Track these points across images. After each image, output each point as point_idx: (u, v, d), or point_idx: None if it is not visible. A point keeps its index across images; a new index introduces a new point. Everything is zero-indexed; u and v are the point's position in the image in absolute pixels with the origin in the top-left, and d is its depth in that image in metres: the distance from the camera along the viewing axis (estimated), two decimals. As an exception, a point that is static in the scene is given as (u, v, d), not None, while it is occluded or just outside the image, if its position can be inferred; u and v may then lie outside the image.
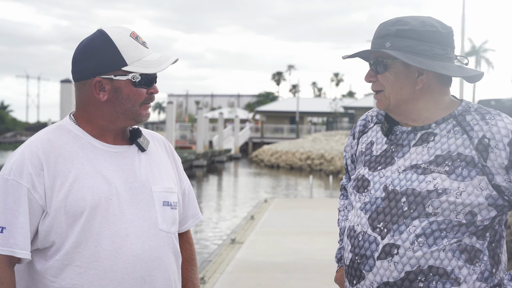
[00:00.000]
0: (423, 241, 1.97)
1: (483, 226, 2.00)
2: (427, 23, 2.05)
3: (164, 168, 2.21)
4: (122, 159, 2.11)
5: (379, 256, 2.01)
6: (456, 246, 1.98)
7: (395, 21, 2.08)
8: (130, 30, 2.12)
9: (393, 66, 2.07)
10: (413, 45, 2.03)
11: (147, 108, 2.13)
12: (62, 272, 2.00)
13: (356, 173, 2.21)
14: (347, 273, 2.12)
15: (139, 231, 2.06)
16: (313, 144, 45.95)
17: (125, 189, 2.07)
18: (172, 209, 2.16)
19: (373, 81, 2.13)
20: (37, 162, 2.00)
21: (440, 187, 1.97)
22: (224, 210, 20.30)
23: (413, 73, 2.06)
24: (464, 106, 2.10)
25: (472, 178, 1.97)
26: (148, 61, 2.08)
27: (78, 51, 2.10)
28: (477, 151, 1.99)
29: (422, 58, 2.02)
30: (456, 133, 2.04)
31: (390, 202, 2.03)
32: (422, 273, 1.97)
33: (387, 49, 2.05)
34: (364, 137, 2.27)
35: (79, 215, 1.99)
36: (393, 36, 2.05)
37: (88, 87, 2.08)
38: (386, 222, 2.02)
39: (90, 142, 2.09)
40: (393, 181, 2.05)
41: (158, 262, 2.08)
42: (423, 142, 2.07)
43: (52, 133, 2.09)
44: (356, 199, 2.14)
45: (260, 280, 7.86)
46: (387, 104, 2.10)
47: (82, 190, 2.01)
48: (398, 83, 2.07)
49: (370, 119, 2.30)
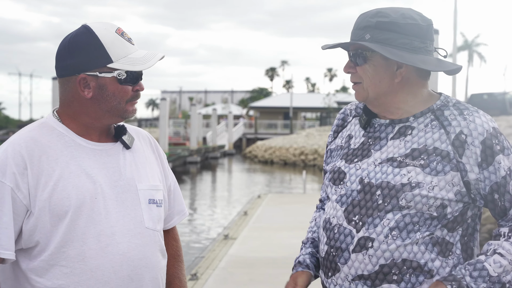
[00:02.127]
0: (396, 234, 1.98)
1: (453, 217, 2.01)
2: (407, 16, 2.05)
3: (149, 165, 2.19)
4: (106, 157, 2.08)
5: (354, 249, 2.02)
6: (428, 239, 1.99)
7: (375, 12, 2.07)
8: (116, 26, 2.08)
9: (372, 58, 2.06)
10: (393, 38, 2.02)
11: (133, 105, 2.10)
12: (47, 272, 1.98)
13: (332, 165, 2.20)
14: (323, 265, 2.13)
15: (125, 230, 2.04)
16: (306, 140, 45.98)
17: (110, 187, 2.05)
18: (157, 207, 2.14)
19: (352, 72, 2.12)
20: (20, 161, 1.97)
21: (414, 181, 1.98)
22: (218, 206, 20.28)
23: (392, 66, 2.06)
24: (442, 100, 2.10)
25: (446, 173, 1.98)
26: (134, 58, 2.05)
27: (62, 47, 2.06)
28: (453, 147, 2.00)
29: (402, 51, 2.02)
30: (434, 128, 2.04)
31: (365, 195, 2.04)
32: (396, 266, 1.99)
33: (367, 41, 2.04)
34: (344, 131, 2.27)
35: (64, 215, 1.97)
36: (373, 28, 2.04)
37: (73, 83, 2.05)
38: (362, 215, 2.03)
39: (74, 140, 2.06)
40: (368, 174, 2.06)
41: (145, 261, 2.06)
42: (401, 135, 2.07)
43: (36, 131, 2.06)
44: (332, 191, 2.14)
45: (253, 276, 7.85)
46: (365, 96, 2.10)
47: (66, 189, 1.98)
48: (377, 76, 2.07)
49: (349, 112, 2.30)
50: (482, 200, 2.03)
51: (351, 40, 2.10)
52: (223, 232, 11.28)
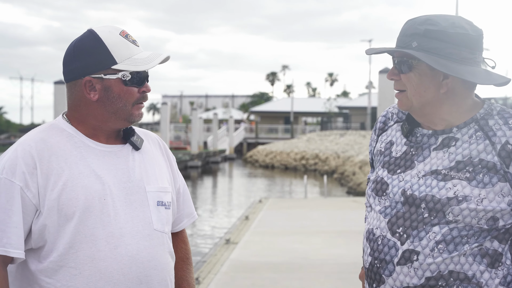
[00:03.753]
0: (443, 248, 1.94)
1: (504, 229, 1.97)
2: (457, 25, 1.97)
3: (158, 167, 2.19)
4: (116, 158, 2.09)
5: (398, 261, 1.98)
6: (477, 251, 1.95)
7: (424, 19, 2.00)
8: (120, 28, 2.10)
9: (418, 67, 2.00)
10: (441, 47, 1.96)
11: (140, 108, 2.11)
12: (56, 273, 1.99)
13: (375, 175, 2.16)
14: (367, 276, 2.10)
15: (134, 232, 2.05)
16: (307, 144, 45.97)
17: (119, 188, 2.06)
18: (166, 209, 2.15)
19: (395, 79, 2.06)
20: (30, 161, 1.99)
21: (461, 194, 1.94)
22: (219, 211, 20.28)
23: (438, 76, 2.00)
24: (486, 108, 2.05)
25: (494, 184, 1.94)
26: (138, 59, 2.07)
27: (68, 52, 2.09)
28: (499, 157, 1.95)
29: (449, 61, 1.96)
30: (478, 139, 1.99)
31: (410, 207, 2.00)
32: (443, 278, 1.95)
33: (414, 49, 1.98)
34: (383, 135, 2.21)
35: (72, 215, 1.98)
36: (421, 35, 1.98)
37: (79, 87, 2.07)
38: (406, 227, 1.99)
39: (83, 141, 2.07)
40: (412, 186, 2.01)
41: (154, 263, 2.07)
42: (444, 147, 2.02)
43: (45, 132, 2.08)
44: (375, 202, 2.10)
45: (254, 280, 7.86)
46: (409, 105, 2.05)
47: (75, 189, 2.00)
48: (422, 86, 2.01)
49: (391, 116, 2.23)
50: None
51: (396, 46, 2.04)
52: (225, 237, 11.27)
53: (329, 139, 45.69)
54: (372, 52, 2.08)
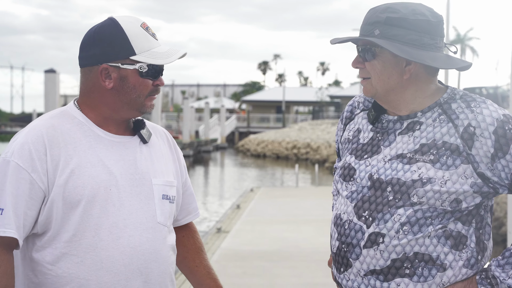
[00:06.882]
0: (408, 229, 1.98)
1: (467, 211, 2.01)
2: (418, 11, 2.02)
3: (164, 161, 2.20)
4: (124, 149, 2.10)
5: (365, 244, 2.02)
6: (441, 232, 1.99)
7: (385, 7, 2.05)
8: (141, 20, 2.12)
9: (381, 54, 2.04)
10: (402, 34, 2.01)
11: (152, 100, 2.12)
12: (59, 260, 2.00)
13: (343, 161, 2.20)
14: (335, 260, 2.13)
15: (137, 223, 2.06)
16: (299, 133, 46.02)
17: (125, 179, 2.06)
18: (170, 203, 2.16)
19: (360, 67, 2.11)
20: (40, 146, 2.00)
21: (425, 177, 1.97)
22: (210, 200, 20.32)
23: (401, 63, 2.04)
24: (449, 93, 2.09)
25: (457, 166, 1.97)
26: (157, 53, 2.08)
27: (87, 37, 2.09)
28: (462, 140, 1.98)
29: (411, 48, 2.00)
30: (442, 122, 2.03)
31: (376, 191, 2.03)
32: (408, 260, 1.98)
33: (376, 37, 2.02)
34: (351, 124, 2.25)
35: (76, 203, 1.99)
36: (382, 23, 2.02)
37: (94, 73, 2.07)
38: (371, 211, 2.02)
39: (93, 130, 2.08)
40: (378, 170, 2.05)
41: (155, 255, 2.08)
42: (409, 131, 2.06)
43: (56, 118, 2.08)
44: (342, 187, 2.14)
45: (246, 269, 7.90)
46: (373, 92, 2.09)
47: (82, 177, 2.00)
48: (386, 72, 2.05)
49: (357, 105, 2.27)
50: (506, 188, 2.00)
51: (360, 35, 2.08)
52: (216, 226, 11.31)
53: (321, 128, 45.77)
54: (337, 41, 2.11)
